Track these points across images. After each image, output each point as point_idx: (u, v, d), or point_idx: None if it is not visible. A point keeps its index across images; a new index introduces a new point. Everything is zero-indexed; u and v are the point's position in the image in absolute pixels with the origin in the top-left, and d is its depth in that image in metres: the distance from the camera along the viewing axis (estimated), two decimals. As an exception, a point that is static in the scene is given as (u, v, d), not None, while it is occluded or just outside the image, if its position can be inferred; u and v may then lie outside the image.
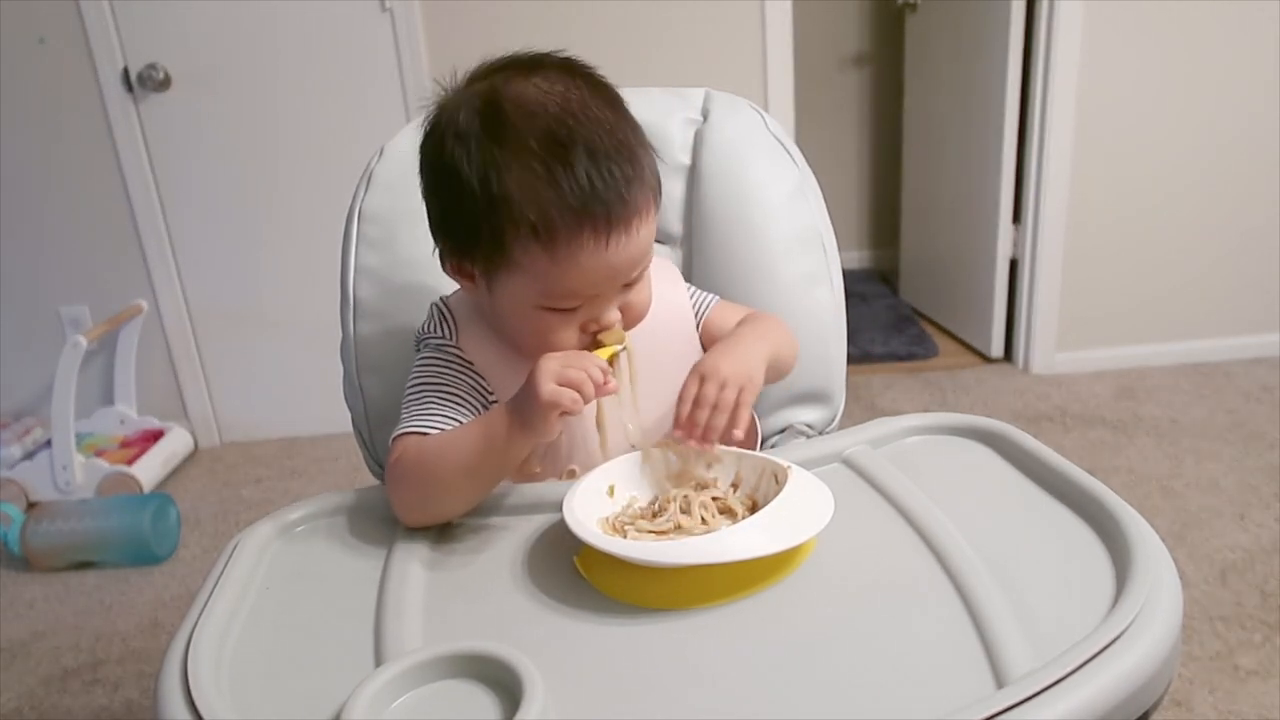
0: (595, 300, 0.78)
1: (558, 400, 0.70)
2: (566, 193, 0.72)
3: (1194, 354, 2.81)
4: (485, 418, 0.77)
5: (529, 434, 0.72)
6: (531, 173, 0.73)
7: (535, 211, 0.73)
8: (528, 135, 0.73)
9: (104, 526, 2.09)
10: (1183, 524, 1.95)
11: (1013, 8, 2.58)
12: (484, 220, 0.75)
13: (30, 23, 2.41)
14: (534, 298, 0.77)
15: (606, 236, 0.74)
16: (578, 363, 0.72)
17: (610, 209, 0.73)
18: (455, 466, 0.75)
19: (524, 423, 0.72)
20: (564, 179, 0.72)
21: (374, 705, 0.54)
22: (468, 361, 0.85)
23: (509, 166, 0.73)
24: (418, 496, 0.77)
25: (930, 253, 3.35)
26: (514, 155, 0.73)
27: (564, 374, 0.71)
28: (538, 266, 0.75)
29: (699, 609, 0.63)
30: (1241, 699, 1.47)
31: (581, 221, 0.73)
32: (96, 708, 1.67)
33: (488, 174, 0.73)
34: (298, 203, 2.58)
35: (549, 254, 0.74)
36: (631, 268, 0.78)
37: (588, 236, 0.73)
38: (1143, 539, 0.63)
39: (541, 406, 0.70)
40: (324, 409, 2.47)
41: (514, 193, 0.73)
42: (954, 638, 0.58)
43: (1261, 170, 2.68)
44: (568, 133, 0.73)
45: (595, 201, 0.73)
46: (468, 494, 0.77)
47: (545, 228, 0.73)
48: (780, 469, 0.72)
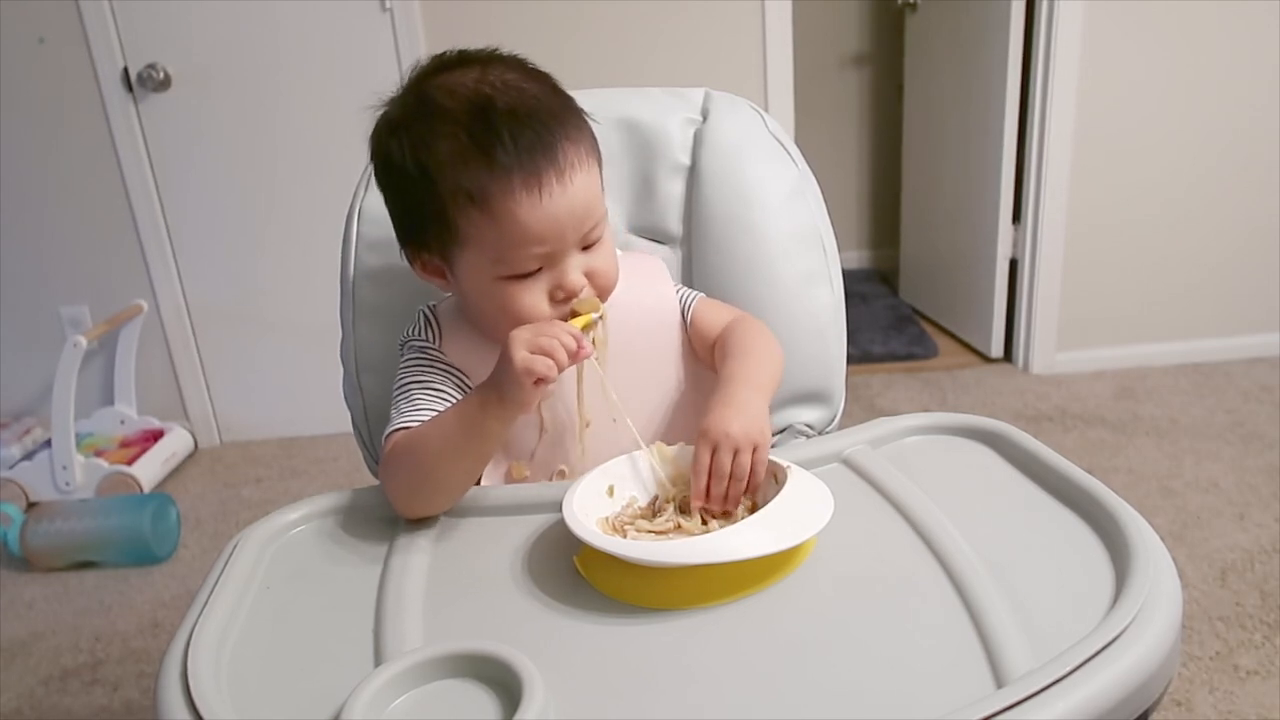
0: (553, 261, 0.79)
1: (531, 366, 0.71)
2: (494, 153, 0.75)
3: (1194, 354, 2.81)
4: (463, 400, 0.79)
5: (507, 406, 0.73)
6: (457, 141, 0.76)
7: (467, 177, 0.76)
8: (451, 110, 0.77)
9: (104, 526, 2.09)
10: (1183, 524, 1.95)
11: (1013, 8, 2.58)
12: (425, 199, 0.78)
13: (30, 23, 2.41)
14: (490, 268, 0.79)
15: (539, 187, 0.76)
16: (548, 330, 0.73)
17: (537, 160, 0.76)
18: (438, 450, 0.76)
19: (501, 396, 0.73)
20: (488, 141, 0.75)
21: (373, 705, 0.54)
22: (449, 362, 0.87)
23: (436, 141, 0.77)
24: (408, 485, 0.77)
25: (930, 253, 3.35)
26: (439, 130, 0.77)
27: (536, 341, 0.72)
28: (482, 233, 0.77)
29: (699, 609, 0.63)
30: (1241, 699, 1.47)
31: (511, 175, 0.75)
32: (96, 708, 1.68)
33: (418, 154, 0.78)
34: (298, 203, 2.58)
35: (488, 216, 0.76)
36: (576, 222, 0.79)
37: (519, 189, 0.75)
38: (1142, 539, 0.63)
39: (516, 374, 0.71)
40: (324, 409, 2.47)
41: (445, 164, 0.76)
42: (954, 637, 0.58)
43: (1262, 170, 2.68)
44: (486, 100, 0.77)
45: (522, 156, 0.75)
46: (454, 477, 0.77)
47: (479, 191, 0.76)
48: (780, 469, 0.72)
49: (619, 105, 1.05)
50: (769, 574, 0.65)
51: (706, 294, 1.01)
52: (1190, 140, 2.66)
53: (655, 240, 1.06)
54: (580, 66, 2.56)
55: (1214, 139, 2.66)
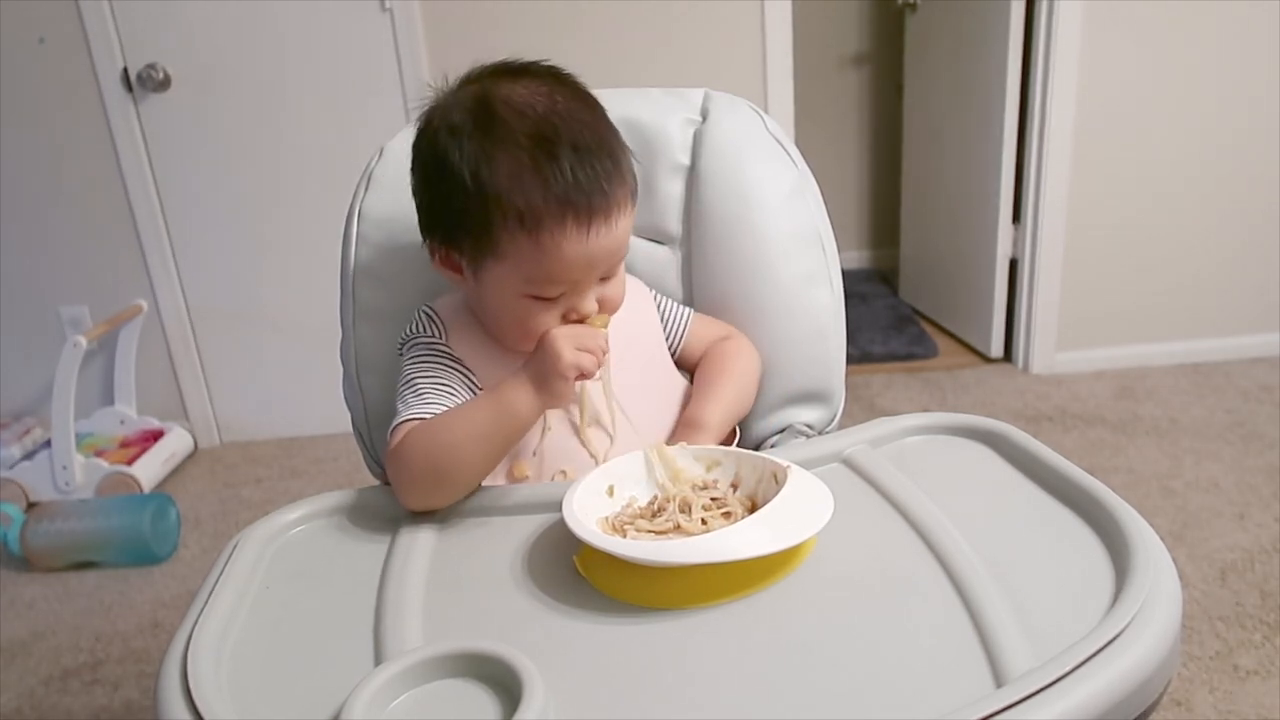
0: (575, 289, 0.83)
1: (580, 362, 0.78)
2: (552, 184, 0.77)
3: (1194, 354, 2.81)
4: (494, 390, 0.81)
5: (547, 397, 0.79)
6: (519, 165, 0.78)
7: (522, 200, 0.78)
8: (517, 131, 0.78)
9: (104, 526, 2.09)
10: (1182, 524, 1.95)
11: (1013, 8, 2.58)
12: (473, 209, 0.79)
13: (30, 23, 2.41)
14: (519, 285, 0.82)
15: (589, 226, 0.79)
16: (585, 332, 0.80)
17: (592, 200, 0.78)
18: (468, 436, 0.78)
19: (541, 386, 0.79)
20: (550, 171, 0.77)
21: (373, 704, 0.54)
22: (457, 357, 0.88)
23: (498, 159, 0.78)
24: (426, 475, 0.78)
25: (930, 253, 3.35)
26: (503, 149, 0.78)
27: (580, 341, 0.79)
28: (523, 254, 0.79)
29: (699, 608, 0.63)
30: (1241, 699, 1.47)
31: (565, 210, 0.78)
32: (96, 708, 1.68)
33: (478, 166, 0.78)
34: (298, 203, 2.58)
35: (534, 241, 0.78)
36: (610, 259, 0.83)
37: (570, 225, 0.78)
38: (1142, 539, 0.63)
39: (563, 369, 0.77)
40: (324, 409, 2.48)
41: (502, 183, 0.78)
42: (953, 637, 0.58)
43: (1261, 170, 2.68)
44: (553, 130, 0.79)
45: (578, 193, 0.78)
46: (479, 464, 0.79)
47: (531, 216, 0.78)
48: (780, 469, 0.72)
49: (619, 105, 1.04)
50: (769, 574, 0.65)
51: (707, 294, 1.02)
52: (1190, 140, 2.66)
53: (655, 240, 1.06)
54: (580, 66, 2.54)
55: (1214, 139, 2.66)
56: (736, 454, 0.78)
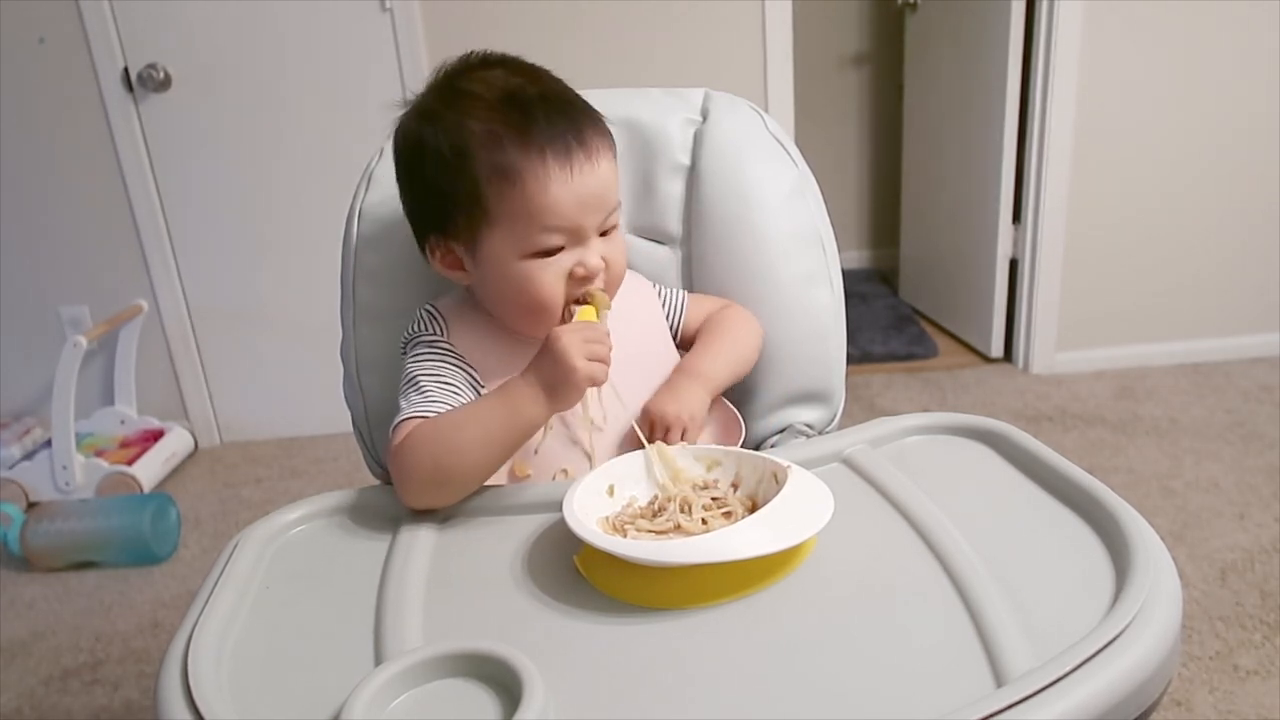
0: (575, 240, 0.83)
1: (593, 374, 0.77)
2: (528, 132, 0.80)
3: (1194, 354, 2.82)
4: (503, 390, 0.80)
5: (557, 403, 0.79)
6: (492, 124, 0.81)
7: (501, 156, 0.80)
8: (485, 98, 0.82)
9: (104, 526, 2.09)
10: (1183, 524, 1.95)
11: (1013, 8, 2.58)
12: (459, 180, 0.82)
13: (30, 23, 2.41)
14: (517, 246, 0.83)
15: (569, 164, 0.81)
16: (593, 335, 0.79)
17: (568, 141, 0.81)
18: (474, 439, 0.78)
19: (551, 392, 0.78)
20: (522, 122, 0.80)
21: (373, 704, 0.54)
22: (459, 354, 0.88)
23: (470, 125, 0.81)
24: (430, 475, 0.78)
25: (930, 253, 3.35)
26: (474, 115, 0.81)
27: (591, 349, 0.78)
28: (514, 210, 0.81)
29: (699, 608, 0.63)
30: (1241, 699, 1.47)
31: (544, 153, 0.80)
32: (96, 708, 1.68)
33: (453, 136, 0.82)
34: (298, 203, 2.58)
35: (520, 192, 0.80)
36: (600, 203, 0.84)
37: (552, 166, 0.80)
38: (1142, 539, 0.63)
39: (578, 380, 0.77)
40: (324, 409, 2.48)
41: (479, 145, 0.81)
42: (953, 637, 0.58)
43: (1261, 170, 2.68)
44: (519, 88, 0.82)
45: (554, 135, 0.81)
46: (486, 466, 0.79)
47: (512, 167, 0.80)
48: (780, 469, 0.72)
49: (619, 105, 1.05)
50: (769, 574, 0.65)
51: (706, 294, 1.02)
52: (1190, 140, 2.66)
53: (655, 240, 1.06)
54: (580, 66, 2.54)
55: (1214, 139, 2.66)
56: (737, 454, 0.78)
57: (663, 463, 0.78)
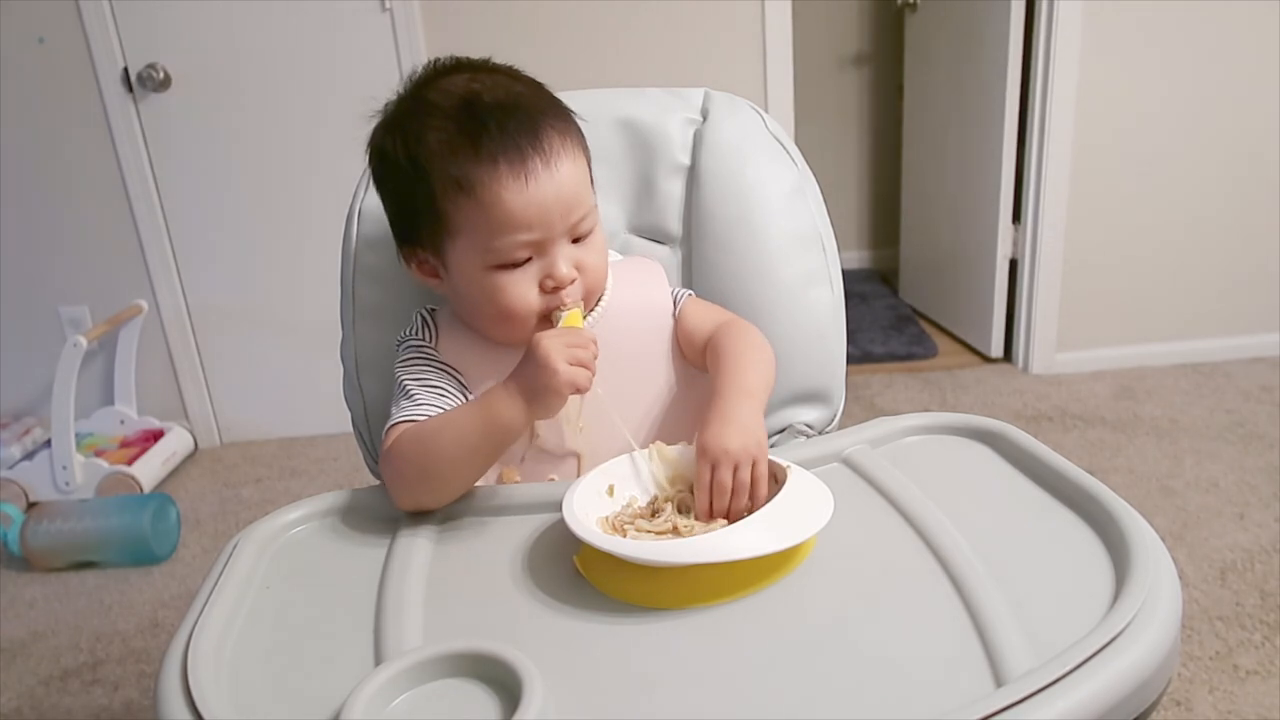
0: (541, 250, 0.81)
1: (575, 379, 0.74)
2: (480, 141, 0.78)
3: (1194, 354, 2.81)
4: (484, 397, 0.79)
5: (538, 410, 0.76)
6: (446, 133, 0.79)
7: (455, 165, 0.79)
8: (442, 106, 0.81)
9: (104, 526, 2.09)
10: (1182, 524, 1.95)
11: (1013, 8, 2.58)
12: (417, 191, 0.81)
13: (30, 23, 2.41)
14: (481, 258, 0.81)
15: (524, 172, 0.78)
16: (577, 341, 0.75)
17: (522, 147, 0.79)
18: (455, 443, 0.77)
19: (533, 399, 0.75)
20: (475, 131, 0.79)
21: (373, 704, 0.54)
22: (444, 361, 0.88)
23: (427, 136, 0.80)
24: (416, 478, 0.78)
25: (930, 253, 3.35)
26: (430, 124, 0.80)
27: (574, 354, 0.74)
28: (471, 220, 0.80)
29: (699, 608, 0.63)
30: (1241, 699, 1.47)
31: (496, 161, 0.78)
32: (96, 708, 1.67)
33: (410, 147, 0.81)
34: (298, 203, 2.58)
35: (475, 202, 0.79)
36: (564, 209, 0.81)
37: (505, 175, 0.78)
38: (1142, 538, 0.63)
39: (558, 386, 0.74)
40: (324, 409, 2.48)
41: (434, 154, 0.79)
42: (953, 637, 0.58)
43: (1262, 171, 2.68)
44: (475, 96, 0.80)
45: (507, 142, 0.78)
46: (467, 472, 0.78)
47: (466, 178, 0.78)
48: (780, 469, 0.72)
49: (619, 105, 1.05)
50: (769, 574, 0.65)
51: (706, 295, 1.02)
52: (1190, 140, 2.66)
53: (655, 240, 1.06)
54: (580, 67, 2.56)
55: (1214, 139, 2.66)
56: (737, 454, 0.78)
57: (663, 463, 0.78)
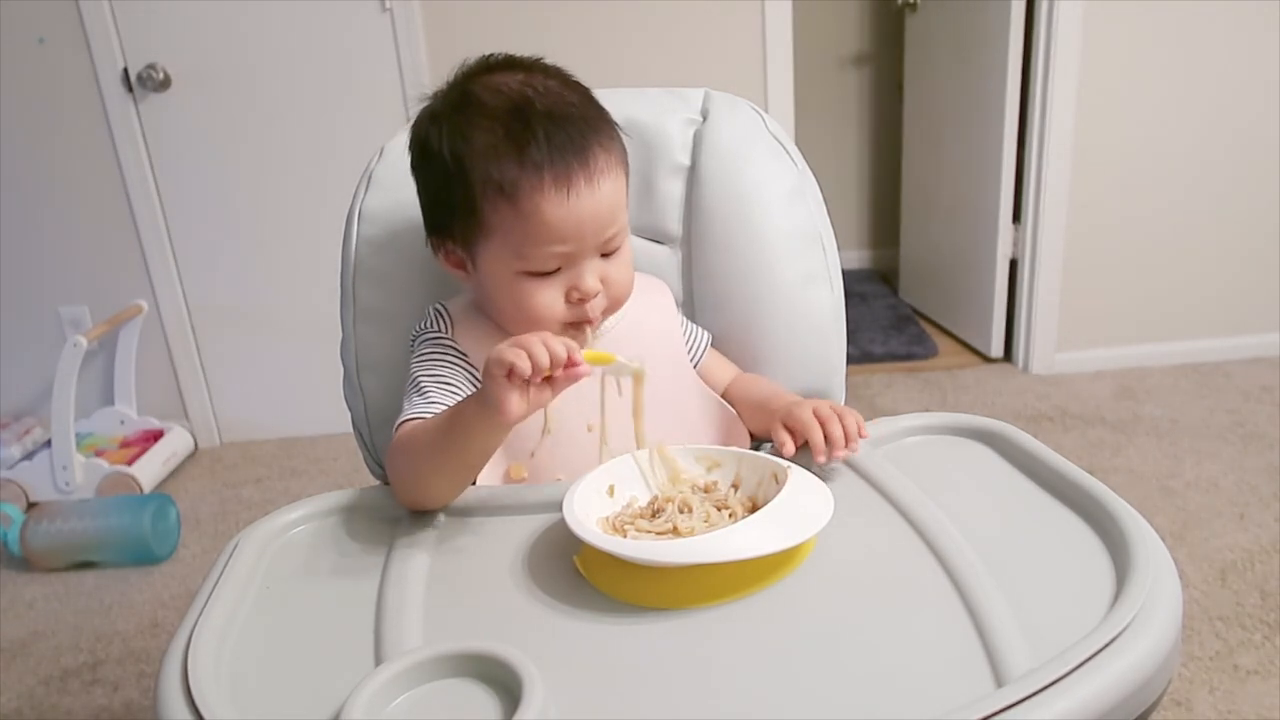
0: (572, 262, 0.82)
1: (501, 356, 0.67)
2: (527, 150, 0.78)
3: (1194, 354, 2.81)
4: (459, 401, 0.78)
5: (485, 406, 0.69)
6: (494, 137, 0.79)
7: (498, 169, 0.78)
8: (492, 107, 0.80)
9: (104, 526, 2.08)
10: (1183, 524, 1.95)
11: (1013, 8, 2.58)
12: (457, 188, 0.80)
13: (30, 23, 2.41)
14: (512, 262, 0.81)
15: (568, 186, 0.78)
16: (540, 334, 0.69)
17: (569, 160, 0.79)
18: (426, 446, 0.77)
19: (480, 395, 0.70)
20: (523, 138, 0.78)
21: (373, 704, 0.54)
22: (462, 353, 0.88)
23: (474, 135, 0.80)
24: (405, 477, 0.79)
25: (930, 253, 3.35)
26: (478, 125, 0.80)
27: (518, 339, 0.68)
28: (507, 224, 0.80)
29: (699, 608, 0.63)
30: (1241, 699, 1.47)
31: (542, 172, 0.78)
32: (96, 708, 1.67)
33: (456, 143, 0.80)
34: (298, 203, 2.58)
35: (515, 208, 0.79)
36: (599, 226, 0.81)
37: (549, 187, 0.78)
38: (1142, 538, 0.63)
39: (490, 364, 0.68)
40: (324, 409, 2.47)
41: (478, 155, 0.79)
42: (953, 637, 0.58)
43: (1262, 170, 2.68)
44: (526, 101, 0.80)
45: (555, 154, 0.78)
46: (439, 474, 0.77)
47: (509, 183, 0.78)
48: (780, 469, 0.72)
49: (618, 105, 1.04)
50: (769, 574, 0.65)
51: (707, 295, 1.02)
52: (1190, 140, 2.66)
53: (655, 240, 1.06)
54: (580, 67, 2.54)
55: (1214, 139, 2.66)
56: (737, 454, 0.78)
57: (663, 463, 0.78)
